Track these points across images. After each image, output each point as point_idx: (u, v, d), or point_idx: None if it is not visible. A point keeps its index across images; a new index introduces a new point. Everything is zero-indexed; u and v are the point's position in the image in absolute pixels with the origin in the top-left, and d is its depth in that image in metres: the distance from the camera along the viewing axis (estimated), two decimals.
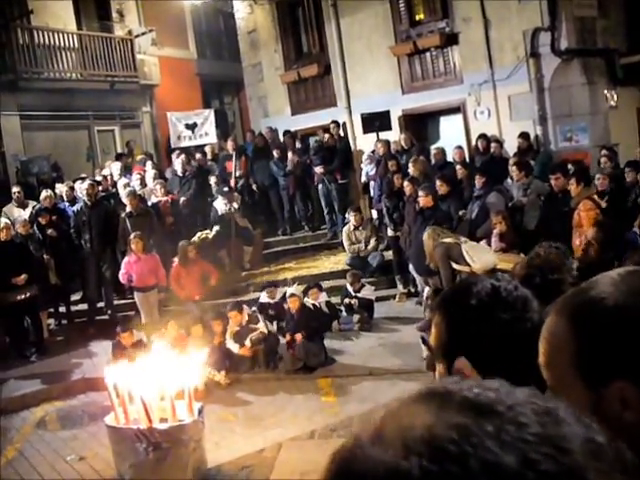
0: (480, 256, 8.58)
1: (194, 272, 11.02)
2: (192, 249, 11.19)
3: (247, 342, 9.26)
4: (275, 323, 10.29)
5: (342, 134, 15.05)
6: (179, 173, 13.98)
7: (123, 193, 12.58)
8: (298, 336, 9.29)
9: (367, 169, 14.03)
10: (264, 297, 10.77)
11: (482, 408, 0.63)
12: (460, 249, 8.71)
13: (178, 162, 14.10)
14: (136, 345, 9.00)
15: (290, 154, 14.54)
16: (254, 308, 10.37)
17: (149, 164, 14.97)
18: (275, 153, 14.68)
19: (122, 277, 11.01)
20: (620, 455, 0.63)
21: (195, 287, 11.06)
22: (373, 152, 13.98)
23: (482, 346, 1.65)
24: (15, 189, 12.93)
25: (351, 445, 0.65)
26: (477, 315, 1.69)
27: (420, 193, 10.42)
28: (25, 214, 12.18)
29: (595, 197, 9.47)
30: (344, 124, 15.27)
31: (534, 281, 2.60)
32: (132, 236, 10.82)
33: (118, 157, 16.44)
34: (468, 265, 8.43)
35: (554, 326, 1.16)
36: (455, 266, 8.66)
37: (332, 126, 14.75)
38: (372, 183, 13.64)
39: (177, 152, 14.59)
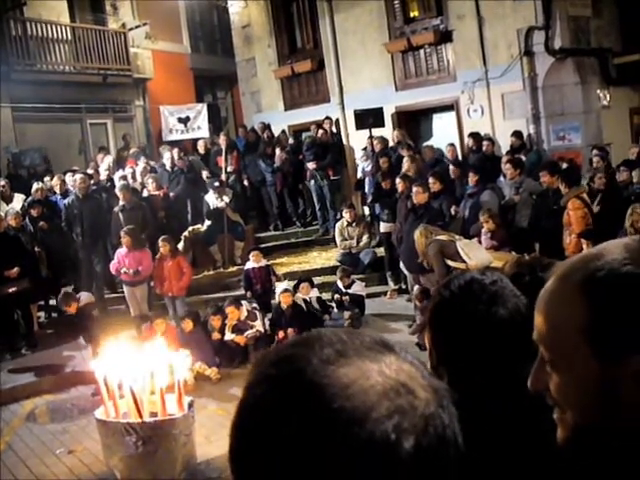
0: (475, 253, 8.57)
1: (170, 268, 10.73)
2: (164, 244, 10.74)
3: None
4: (265, 318, 10.27)
5: (335, 130, 15.02)
6: (167, 168, 13.89)
7: (118, 186, 12.51)
8: (290, 331, 9.36)
9: (363, 165, 13.99)
10: (250, 263, 11.17)
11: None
12: (455, 246, 8.71)
13: (167, 157, 14.01)
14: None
15: (278, 150, 14.47)
16: (254, 305, 10.34)
17: (142, 158, 14.90)
18: (268, 150, 14.62)
19: (112, 267, 10.93)
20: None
21: (170, 283, 10.71)
22: (365, 149, 13.97)
23: (453, 336, 1.69)
24: (0, 182, 12.82)
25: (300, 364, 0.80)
26: (447, 306, 1.73)
27: (416, 189, 10.37)
28: (15, 206, 12.07)
29: (584, 196, 9.50)
30: (337, 120, 15.24)
31: (523, 279, 2.62)
32: (123, 230, 10.74)
33: (101, 149, 16.44)
34: (464, 262, 8.42)
35: (559, 293, 1.05)
36: (451, 263, 8.65)
37: (326, 122, 14.70)
38: (367, 179, 13.61)
39: (167, 147, 14.45)
